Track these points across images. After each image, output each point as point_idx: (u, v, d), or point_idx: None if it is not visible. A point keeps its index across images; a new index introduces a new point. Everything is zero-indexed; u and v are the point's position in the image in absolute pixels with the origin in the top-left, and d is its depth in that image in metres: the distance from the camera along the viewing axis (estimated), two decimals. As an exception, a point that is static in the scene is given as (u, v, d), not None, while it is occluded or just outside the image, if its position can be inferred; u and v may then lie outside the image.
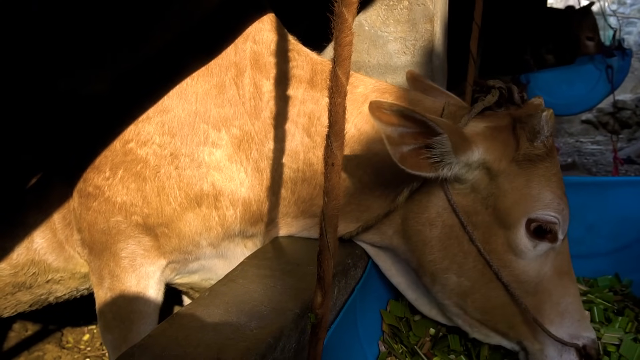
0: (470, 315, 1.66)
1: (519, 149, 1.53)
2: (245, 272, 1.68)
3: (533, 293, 1.58)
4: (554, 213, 1.54)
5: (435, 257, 1.64)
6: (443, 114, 1.69)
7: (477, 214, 1.59)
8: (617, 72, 5.64)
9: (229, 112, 1.86)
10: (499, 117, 1.63)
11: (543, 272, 1.58)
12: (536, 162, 1.54)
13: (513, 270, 1.57)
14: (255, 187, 1.89)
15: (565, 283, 1.60)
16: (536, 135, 1.50)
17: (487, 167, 1.56)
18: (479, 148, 1.54)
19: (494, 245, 1.58)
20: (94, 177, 1.86)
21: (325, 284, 1.17)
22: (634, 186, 2.27)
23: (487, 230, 1.58)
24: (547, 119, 1.49)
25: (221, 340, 1.31)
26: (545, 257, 1.58)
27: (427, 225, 1.64)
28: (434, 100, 1.81)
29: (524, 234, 1.55)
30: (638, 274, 2.19)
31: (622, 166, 6.37)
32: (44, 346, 3.48)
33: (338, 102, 1.08)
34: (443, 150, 1.49)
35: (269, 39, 1.89)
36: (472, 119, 1.63)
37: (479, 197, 1.58)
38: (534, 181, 1.55)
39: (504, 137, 1.57)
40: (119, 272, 1.90)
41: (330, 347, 1.49)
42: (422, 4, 2.54)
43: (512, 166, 1.55)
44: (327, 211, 1.12)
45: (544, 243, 1.56)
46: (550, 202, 1.54)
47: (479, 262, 1.59)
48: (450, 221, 1.61)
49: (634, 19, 14.91)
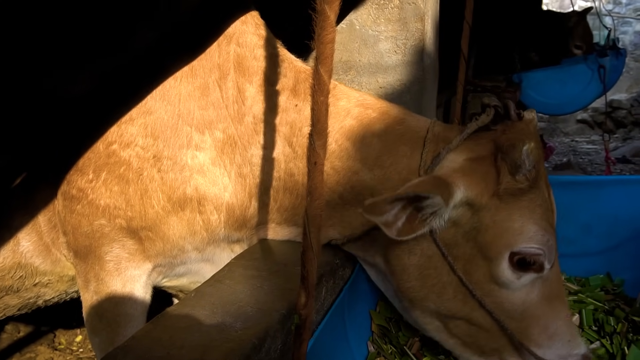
0: (452, 340, 1.65)
1: (500, 183, 1.49)
2: (232, 273, 1.68)
3: (519, 319, 1.55)
4: (537, 245, 1.50)
5: (413, 285, 1.62)
6: (427, 137, 1.66)
7: (458, 246, 1.56)
8: (610, 72, 5.63)
9: (213, 115, 1.84)
10: (481, 145, 1.59)
11: (530, 299, 1.55)
12: (519, 195, 1.50)
13: (496, 299, 1.55)
14: (239, 192, 1.87)
15: (555, 307, 1.56)
16: (517, 169, 1.46)
17: (469, 203, 1.52)
18: (460, 187, 1.50)
19: (475, 276, 1.55)
20: (77, 180, 1.84)
21: (309, 284, 1.16)
22: (626, 185, 2.27)
23: (468, 262, 1.55)
24: (528, 152, 1.44)
25: (206, 341, 1.30)
26: (531, 285, 1.54)
27: (405, 252, 1.61)
28: (418, 118, 1.79)
29: (507, 267, 1.51)
30: (630, 273, 2.19)
31: (615, 165, 6.38)
32: (36, 348, 3.46)
33: (321, 100, 1.07)
34: (435, 208, 1.46)
35: (253, 42, 1.88)
36: (453, 150, 1.60)
37: (461, 230, 1.55)
38: (516, 214, 1.51)
39: (485, 170, 1.53)
40: (104, 276, 1.89)
41: (317, 348, 1.49)
42: (413, 3, 2.54)
43: (494, 200, 1.51)
44: (310, 211, 1.11)
45: (529, 274, 1.52)
46: (534, 234, 1.50)
47: (460, 293, 1.56)
48: (429, 251, 1.58)
49: (630, 18, 14.94)
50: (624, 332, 1.88)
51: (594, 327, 1.93)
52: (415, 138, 1.69)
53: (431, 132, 1.67)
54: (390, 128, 1.73)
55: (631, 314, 1.94)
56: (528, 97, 5.81)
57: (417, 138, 1.68)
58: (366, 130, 1.73)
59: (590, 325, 1.93)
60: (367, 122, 1.75)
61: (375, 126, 1.74)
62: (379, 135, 1.72)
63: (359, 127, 1.74)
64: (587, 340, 1.89)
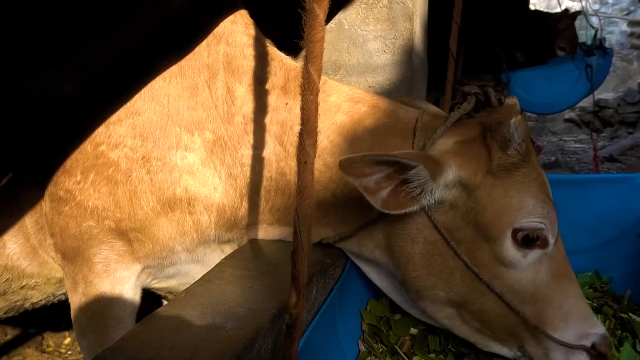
0: (465, 326, 1.63)
1: (492, 160, 1.49)
2: (222, 273, 1.67)
3: (532, 302, 1.53)
4: (539, 219, 1.49)
5: (420, 274, 1.61)
6: (417, 126, 1.67)
7: (459, 229, 1.55)
8: (597, 71, 5.68)
9: (202, 115, 1.83)
10: (469, 128, 1.59)
11: (539, 278, 1.53)
12: (512, 170, 1.50)
13: (505, 282, 1.53)
14: (229, 192, 1.86)
15: (565, 285, 1.54)
16: (508, 144, 1.46)
17: (463, 184, 1.52)
18: (451, 167, 1.50)
19: (480, 259, 1.53)
20: (65, 181, 1.83)
21: (299, 284, 1.16)
22: (614, 183, 2.28)
23: (471, 245, 1.54)
24: (516, 125, 1.44)
25: (196, 341, 1.29)
26: (539, 263, 1.53)
27: (408, 242, 1.61)
28: (407, 110, 1.79)
29: (511, 245, 1.50)
30: (617, 270, 2.20)
31: (603, 164, 6.43)
32: (24, 350, 3.44)
33: (310, 99, 1.07)
34: (421, 180, 1.46)
35: (242, 41, 1.87)
36: (443, 134, 1.60)
37: (459, 213, 1.55)
38: (512, 190, 1.50)
39: (476, 150, 1.53)
40: (92, 278, 1.87)
41: (308, 347, 1.48)
42: (402, 3, 2.54)
43: (488, 178, 1.51)
44: (300, 210, 1.11)
45: (535, 251, 1.51)
46: (533, 208, 1.49)
47: (467, 277, 1.55)
48: (432, 238, 1.58)
49: (616, 18, 15.06)
50: (612, 329, 1.89)
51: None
52: (405, 129, 1.69)
53: (420, 121, 1.68)
54: (381, 121, 1.74)
55: (619, 311, 1.96)
56: (516, 96, 5.82)
57: (407, 129, 1.69)
58: (357, 125, 1.73)
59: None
60: (358, 117, 1.75)
61: (366, 120, 1.74)
62: (370, 130, 1.72)
63: (350, 123, 1.74)
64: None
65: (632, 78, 13.22)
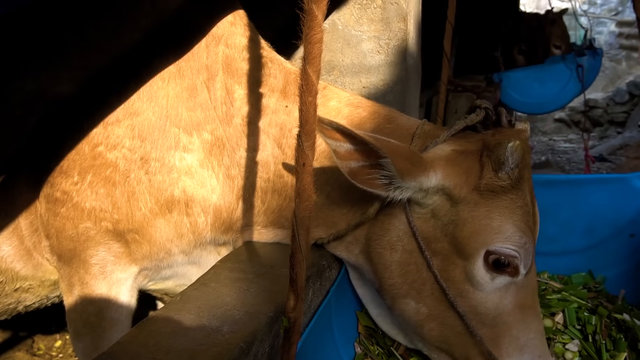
0: (428, 342, 1.63)
1: (482, 178, 1.48)
2: (218, 276, 1.66)
3: (491, 325, 1.52)
4: (514, 247, 1.47)
5: (395, 282, 1.61)
6: (416, 132, 1.66)
7: (437, 240, 1.54)
8: (588, 71, 5.73)
9: (201, 116, 1.82)
10: (470, 141, 1.58)
11: (502, 305, 1.52)
12: (500, 193, 1.48)
13: (470, 301, 1.52)
14: (227, 194, 1.86)
15: (528, 318, 1.53)
16: (500, 166, 1.45)
17: (447, 193, 1.51)
18: (437, 173, 1.49)
19: (451, 274, 1.53)
20: (61, 182, 1.81)
21: (297, 287, 1.15)
22: (606, 183, 2.29)
23: (445, 259, 1.54)
24: (512, 150, 1.42)
25: (192, 346, 1.28)
26: (505, 290, 1.52)
27: (387, 249, 1.61)
28: (409, 118, 1.78)
29: (482, 266, 1.49)
30: (611, 270, 2.21)
31: (593, 164, 6.47)
32: (14, 354, 3.41)
33: (309, 100, 1.06)
34: (390, 173, 1.45)
35: (241, 43, 1.86)
36: (446, 141, 1.59)
37: (439, 223, 1.54)
38: (495, 212, 1.48)
39: (469, 163, 1.52)
40: (89, 280, 1.86)
41: (305, 350, 1.48)
42: (396, 3, 2.54)
43: (473, 195, 1.49)
44: (299, 213, 1.11)
45: (503, 277, 1.50)
46: (511, 235, 1.48)
47: (436, 290, 1.55)
48: (410, 246, 1.57)
49: (605, 19, 15.18)
50: (605, 330, 1.90)
51: (577, 325, 1.95)
52: (404, 135, 1.68)
53: (421, 129, 1.67)
54: (380, 126, 1.73)
55: (613, 312, 1.96)
56: (508, 96, 5.87)
57: (406, 135, 1.68)
58: (357, 129, 1.73)
59: (574, 324, 1.94)
60: (357, 122, 1.75)
61: (365, 125, 1.74)
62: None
63: (350, 126, 1.74)
64: (570, 338, 1.91)
65: (621, 78, 13.35)
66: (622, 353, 1.78)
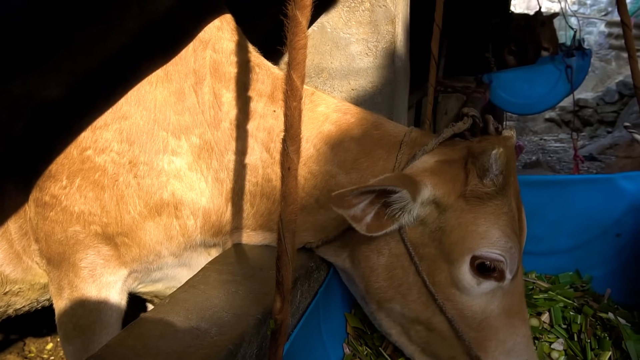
0: (413, 345, 1.65)
1: (467, 185, 1.50)
2: (206, 278, 1.67)
3: (478, 329, 1.54)
4: (500, 251, 1.50)
5: (381, 285, 1.63)
6: (404, 140, 1.68)
7: (425, 246, 1.57)
8: (577, 71, 5.76)
9: (189, 120, 1.83)
10: (455, 150, 1.60)
11: (489, 309, 1.54)
12: (485, 199, 1.50)
13: (456, 305, 1.54)
14: (215, 197, 1.87)
15: (515, 323, 1.55)
16: (485, 173, 1.47)
17: (436, 202, 1.53)
18: (427, 185, 1.51)
19: (438, 278, 1.55)
20: (50, 186, 1.81)
21: (284, 289, 1.16)
22: (594, 184, 2.31)
23: (432, 263, 1.56)
24: (496, 157, 1.45)
25: (181, 348, 1.29)
26: (491, 295, 1.54)
27: (374, 252, 1.63)
28: (396, 125, 1.80)
29: (468, 271, 1.51)
30: (598, 270, 2.24)
31: (583, 164, 6.51)
32: (5, 357, 3.40)
33: (293, 105, 1.07)
34: (403, 203, 1.48)
35: (229, 48, 1.87)
36: (428, 152, 1.61)
37: (427, 230, 1.56)
38: (481, 218, 1.51)
39: (455, 171, 1.54)
40: (78, 283, 1.86)
41: (293, 351, 1.49)
42: (384, 6, 2.56)
43: (460, 202, 1.52)
44: (284, 216, 1.11)
45: (490, 282, 1.52)
46: (497, 240, 1.50)
47: (423, 294, 1.57)
48: (397, 250, 1.59)
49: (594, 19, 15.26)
50: (590, 329, 1.92)
51: (563, 324, 1.97)
52: (392, 142, 1.70)
53: (408, 136, 1.69)
54: (368, 132, 1.75)
55: (599, 311, 1.99)
56: (498, 97, 5.90)
57: (394, 142, 1.70)
58: (344, 135, 1.74)
59: (560, 323, 1.96)
60: (345, 127, 1.76)
61: (353, 131, 1.75)
62: (356, 140, 1.73)
63: (337, 132, 1.75)
64: (556, 337, 1.93)
65: (611, 78, 13.42)
66: (606, 352, 1.81)
